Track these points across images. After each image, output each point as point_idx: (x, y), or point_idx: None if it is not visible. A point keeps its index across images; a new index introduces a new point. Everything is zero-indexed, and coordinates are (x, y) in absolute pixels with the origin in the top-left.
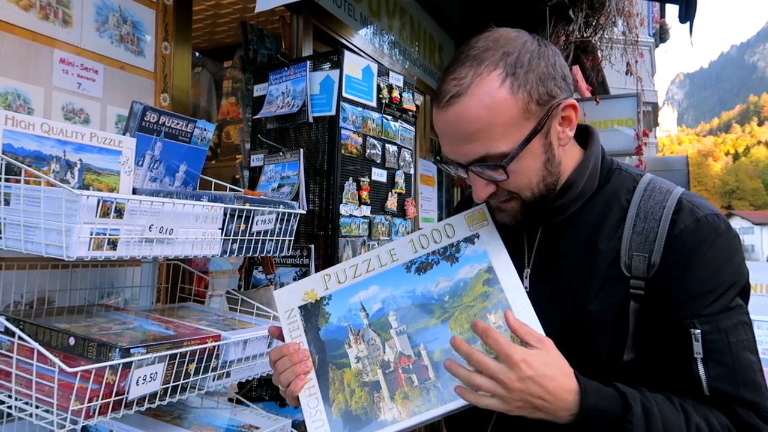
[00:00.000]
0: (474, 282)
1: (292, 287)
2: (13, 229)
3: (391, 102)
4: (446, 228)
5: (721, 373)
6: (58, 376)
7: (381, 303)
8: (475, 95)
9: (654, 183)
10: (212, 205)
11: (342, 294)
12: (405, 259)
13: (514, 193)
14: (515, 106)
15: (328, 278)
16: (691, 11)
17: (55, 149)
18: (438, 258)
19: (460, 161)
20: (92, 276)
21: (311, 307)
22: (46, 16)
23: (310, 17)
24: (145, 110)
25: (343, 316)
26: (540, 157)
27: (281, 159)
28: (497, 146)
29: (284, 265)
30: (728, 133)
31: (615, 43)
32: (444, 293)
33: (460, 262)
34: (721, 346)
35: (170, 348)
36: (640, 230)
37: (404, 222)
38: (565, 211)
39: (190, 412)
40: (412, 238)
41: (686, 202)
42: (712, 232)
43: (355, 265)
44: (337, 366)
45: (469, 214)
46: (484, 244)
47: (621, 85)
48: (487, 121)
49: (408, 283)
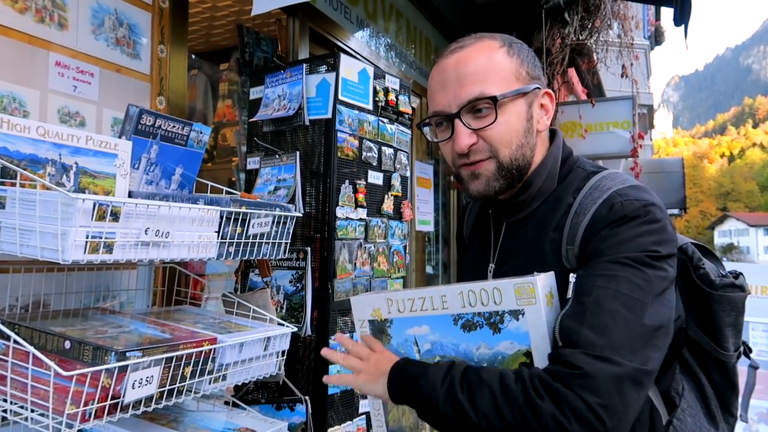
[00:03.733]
0: (511, 360)
1: (364, 300)
2: (9, 233)
3: (388, 105)
4: (494, 292)
5: (574, 311)
6: (54, 379)
7: (431, 345)
8: (477, 48)
9: (601, 182)
10: (208, 208)
11: (401, 323)
12: (454, 310)
13: (493, 149)
14: (510, 64)
15: (390, 303)
16: (686, 14)
17: (51, 152)
18: (482, 321)
19: (451, 108)
20: (88, 279)
21: (378, 323)
22: (42, 19)
23: (306, 20)
24: (141, 113)
25: (401, 343)
26: (522, 122)
27: (277, 162)
28: (491, 89)
29: (281, 267)
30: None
31: (610, 46)
32: (483, 359)
33: (502, 335)
34: (585, 288)
35: (166, 351)
36: (573, 225)
37: (401, 224)
38: (524, 209)
39: (186, 415)
40: (462, 291)
41: (614, 194)
42: (625, 214)
43: (412, 300)
44: None
45: (519, 285)
46: (528, 325)
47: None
48: (485, 65)
49: (454, 336)
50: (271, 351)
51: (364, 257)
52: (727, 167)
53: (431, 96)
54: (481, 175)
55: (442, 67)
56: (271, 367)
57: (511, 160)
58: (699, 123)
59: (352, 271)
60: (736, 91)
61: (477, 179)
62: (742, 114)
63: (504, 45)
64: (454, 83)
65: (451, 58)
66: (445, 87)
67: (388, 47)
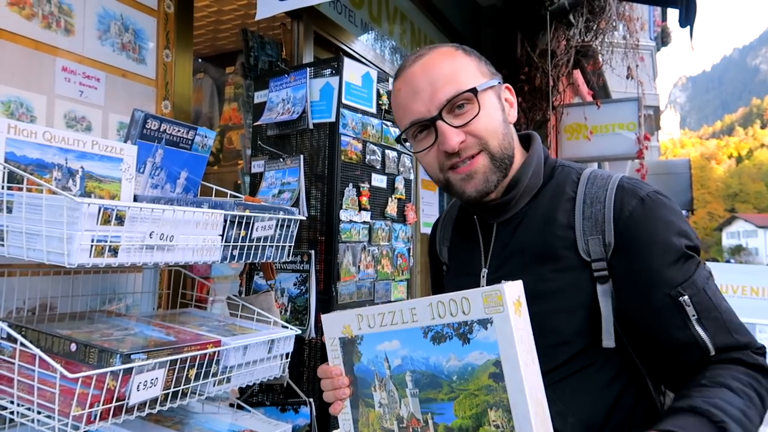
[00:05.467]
0: (480, 371)
1: (335, 317)
2: (16, 237)
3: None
4: (463, 302)
5: (716, 327)
6: (60, 381)
7: (401, 360)
8: (436, 53)
9: (595, 173)
10: (212, 212)
11: (371, 339)
12: (423, 323)
13: (483, 141)
14: (472, 63)
15: (361, 319)
16: (691, 15)
17: (57, 157)
18: (452, 333)
19: (431, 112)
20: (94, 282)
21: (348, 341)
22: (49, 25)
23: (310, 24)
24: (146, 118)
25: (372, 360)
26: (499, 112)
27: (282, 165)
28: (465, 83)
29: (285, 270)
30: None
31: (616, 47)
32: (453, 372)
33: (471, 345)
34: (707, 304)
35: (171, 354)
36: (589, 215)
37: (404, 227)
38: (514, 207)
39: (191, 417)
40: (431, 302)
41: (627, 184)
42: (658, 206)
43: (382, 314)
44: (366, 404)
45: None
46: (496, 334)
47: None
48: (452, 67)
49: (423, 349)
50: (275, 353)
51: (368, 260)
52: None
53: (402, 108)
54: (477, 172)
55: (409, 76)
56: (275, 370)
57: (501, 149)
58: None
59: (355, 274)
60: (744, 92)
61: (473, 179)
62: (750, 115)
63: (458, 49)
64: (428, 87)
65: (415, 66)
66: (418, 93)
67: (392, 50)
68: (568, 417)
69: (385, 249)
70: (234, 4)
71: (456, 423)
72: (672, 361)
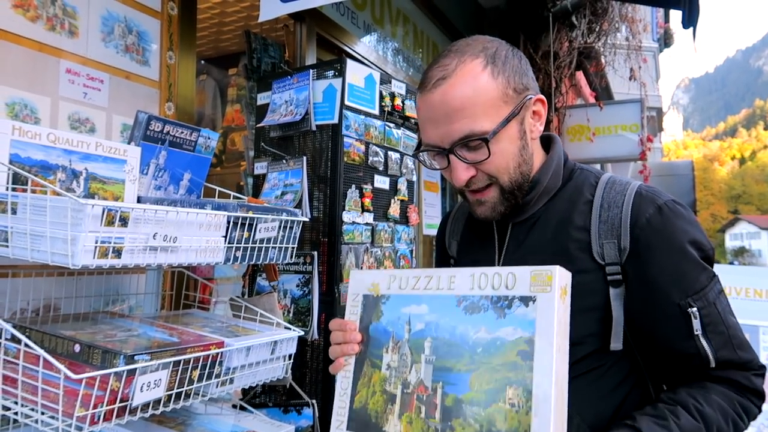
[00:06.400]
0: (509, 347)
1: (365, 274)
2: (20, 238)
3: (394, 110)
4: (509, 276)
5: (721, 342)
6: (64, 382)
7: (424, 325)
8: (460, 77)
9: (614, 178)
10: (215, 213)
11: (398, 300)
12: (460, 291)
13: (493, 177)
14: (496, 89)
15: (393, 279)
16: (694, 16)
17: (61, 158)
18: (488, 305)
19: (444, 144)
20: (97, 283)
21: (372, 299)
22: (53, 27)
23: (313, 25)
24: (150, 119)
25: (392, 322)
26: (516, 143)
27: (284, 167)
28: (480, 124)
29: (288, 272)
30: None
31: (618, 49)
32: (479, 344)
33: (507, 320)
34: (715, 318)
35: (174, 355)
36: (605, 219)
37: (407, 229)
38: (532, 208)
39: (193, 418)
40: (474, 273)
41: (645, 191)
42: (675, 216)
43: (418, 278)
44: (372, 364)
45: (536, 272)
46: (537, 312)
47: (625, 90)
48: (471, 99)
49: (453, 318)
50: (278, 355)
51: (371, 261)
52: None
53: (421, 126)
54: (486, 202)
55: (429, 102)
56: (278, 371)
57: (512, 182)
58: (709, 125)
59: None
60: (747, 93)
61: (482, 205)
62: (753, 116)
63: (487, 65)
64: (444, 120)
65: (435, 93)
66: (434, 122)
67: (395, 52)
68: (573, 418)
69: (387, 251)
70: (237, 6)
71: (468, 395)
72: (672, 367)
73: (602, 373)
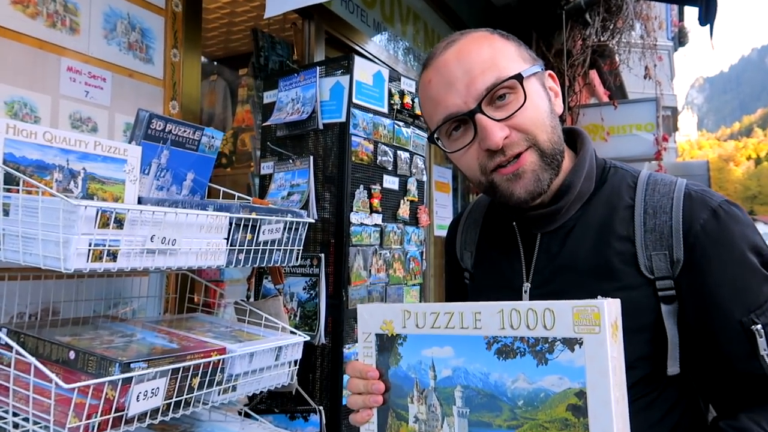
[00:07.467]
0: (557, 399)
1: (375, 309)
2: (12, 241)
3: (403, 108)
4: (545, 313)
5: None
6: (56, 391)
7: (451, 371)
8: (471, 37)
9: (655, 177)
10: (216, 215)
11: (417, 341)
12: (489, 331)
13: (530, 135)
14: (510, 46)
15: (407, 316)
16: (711, 14)
17: (58, 158)
18: (525, 348)
19: (468, 105)
20: (99, 286)
21: (387, 339)
22: (54, 24)
23: (322, 23)
24: (151, 118)
25: (413, 366)
26: (545, 102)
27: (291, 166)
28: (507, 69)
29: (294, 274)
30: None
31: (633, 47)
32: (519, 395)
33: (549, 367)
34: None
35: (172, 362)
36: (652, 227)
37: (417, 230)
38: (564, 216)
39: (197, 425)
40: (503, 309)
41: (695, 192)
42: (733, 220)
43: (436, 314)
44: (397, 416)
45: (580, 308)
46: (585, 358)
47: (639, 89)
48: (491, 51)
49: (484, 363)
50: (283, 360)
51: (380, 264)
52: (754, 170)
53: (434, 102)
54: (526, 172)
55: (441, 64)
56: (283, 377)
57: (551, 143)
58: (724, 125)
59: (367, 278)
60: (763, 93)
61: (521, 178)
62: None
63: (495, 32)
64: (463, 77)
65: (448, 53)
66: (452, 84)
67: (406, 50)
68: None
69: (397, 252)
70: (247, 6)
71: None
72: (730, 390)
73: (652, 399)
